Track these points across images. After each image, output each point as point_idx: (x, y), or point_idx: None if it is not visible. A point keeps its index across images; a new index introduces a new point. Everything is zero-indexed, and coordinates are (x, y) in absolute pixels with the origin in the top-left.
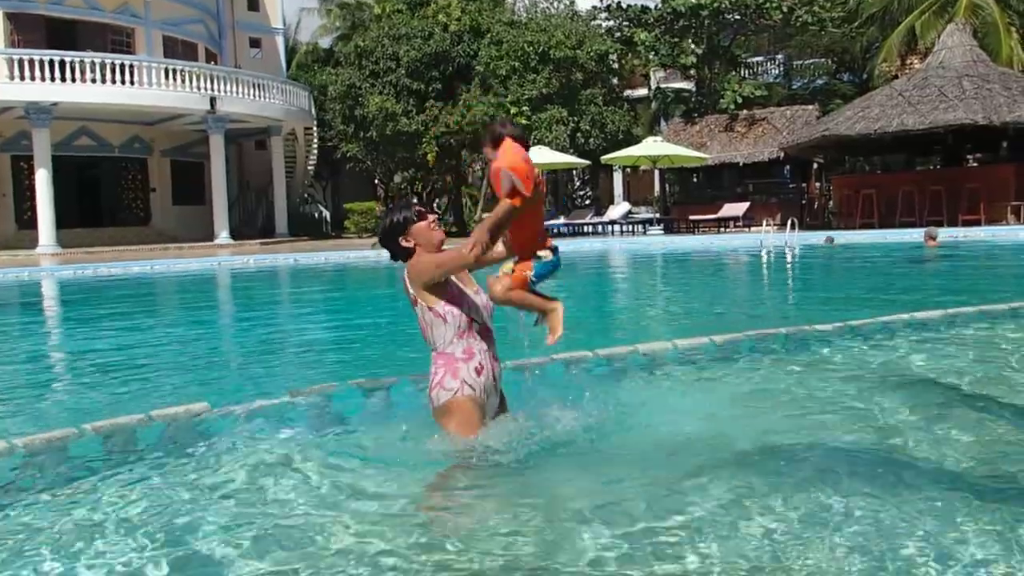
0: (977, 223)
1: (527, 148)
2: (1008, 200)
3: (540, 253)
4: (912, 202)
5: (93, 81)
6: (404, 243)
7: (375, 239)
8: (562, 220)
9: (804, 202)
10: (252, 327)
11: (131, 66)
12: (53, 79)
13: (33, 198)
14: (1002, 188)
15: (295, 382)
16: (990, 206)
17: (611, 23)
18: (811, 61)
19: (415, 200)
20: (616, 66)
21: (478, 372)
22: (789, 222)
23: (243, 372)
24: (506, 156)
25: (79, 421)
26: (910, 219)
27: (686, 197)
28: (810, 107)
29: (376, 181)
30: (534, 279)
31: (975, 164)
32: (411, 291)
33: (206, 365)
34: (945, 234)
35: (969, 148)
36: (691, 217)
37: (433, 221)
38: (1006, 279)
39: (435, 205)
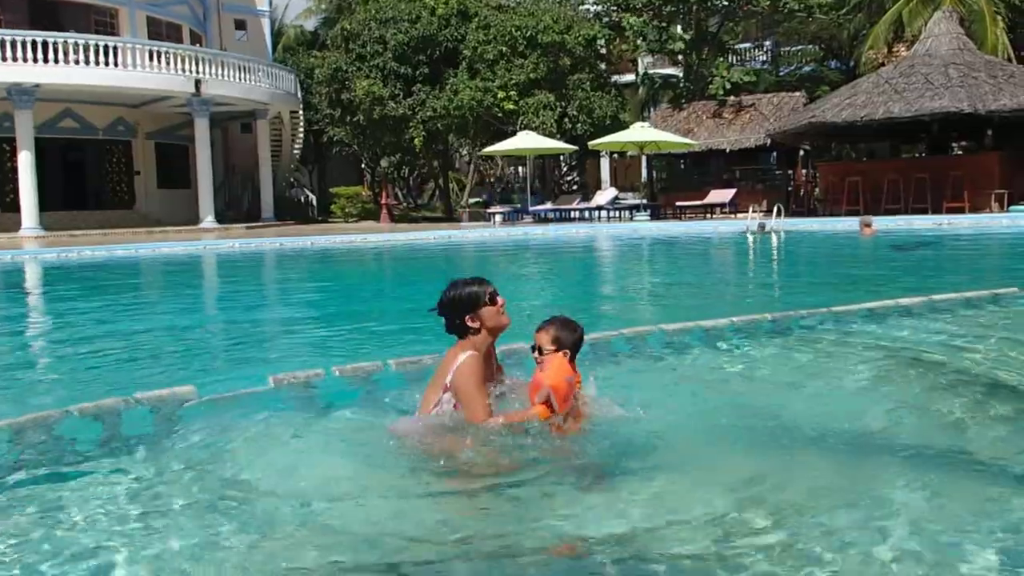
0: (961, 211)
1: (579, 347)
2: (992, 188)
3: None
4: (897, 189)
5: (76, 63)
6: (470, 323)
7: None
8: (549, 205)
9: (790, 189)
10: (236, 311)
11: (115, 47)
12: (36, 60)
13: (16, 180)
14: (986, 176)
15: (278, 367)
16: (974, 194)
17: (599, 8)
18: (798, 48)
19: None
20: (604, 51)
21: None
22: (775, 208)
23: (227, 357)
24: (552, 374)
25: (64, 403)
26: (896, 206)
27: (673, 183)
28: (797, 94)
29: (363, 165)
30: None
31: (960, 152)
32: (447, 380)
33: (190, 349)
34: (931, 221)
35: (954, 136)
36: (678, 203)
37: (502, 305)
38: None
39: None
